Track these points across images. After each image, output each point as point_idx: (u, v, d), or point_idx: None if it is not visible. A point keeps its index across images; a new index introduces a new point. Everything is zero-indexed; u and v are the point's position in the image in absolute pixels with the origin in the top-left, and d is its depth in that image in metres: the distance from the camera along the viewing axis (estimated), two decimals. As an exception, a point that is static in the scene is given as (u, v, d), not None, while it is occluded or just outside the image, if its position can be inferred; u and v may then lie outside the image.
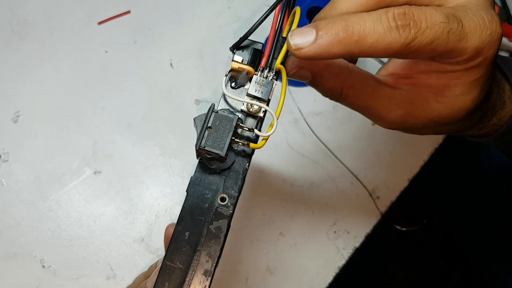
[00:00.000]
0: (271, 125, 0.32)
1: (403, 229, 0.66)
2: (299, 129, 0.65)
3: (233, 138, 0.31)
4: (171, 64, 0.65)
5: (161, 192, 0.60)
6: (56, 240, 0.56)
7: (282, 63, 0.32)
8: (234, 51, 0.34)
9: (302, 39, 0.27)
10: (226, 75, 0.34)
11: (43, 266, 0.55)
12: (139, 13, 0.66)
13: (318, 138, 0.64)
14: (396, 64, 0.35)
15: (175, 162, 0.61)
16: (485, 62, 0.29)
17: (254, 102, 0.33)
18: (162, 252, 0.57)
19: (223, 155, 0.31)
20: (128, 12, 0.66)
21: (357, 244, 0.63)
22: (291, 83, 0.67)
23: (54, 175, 0.58)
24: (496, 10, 0.47)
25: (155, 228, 0.58)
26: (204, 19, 0.68)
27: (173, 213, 0.59)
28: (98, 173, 0.59)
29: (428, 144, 0.69)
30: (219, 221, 0.33)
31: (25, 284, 0.54)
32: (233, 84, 0.34)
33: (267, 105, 0.33)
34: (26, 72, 0.61)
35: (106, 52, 0.64)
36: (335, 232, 0.63)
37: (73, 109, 0.61)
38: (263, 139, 0.33)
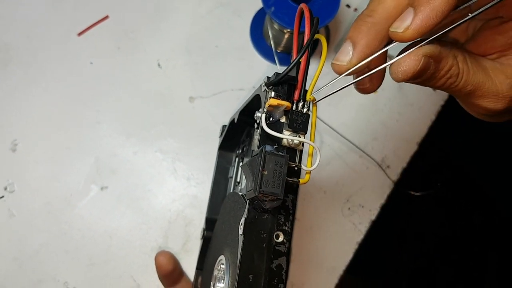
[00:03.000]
0: (309, 155, 0.34)
1: (418, 194, 0.65)
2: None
3: (286, 178, 0.32)
4: (159, 65, 0.64)
5: (170, 198, 0.59)
6: (76, 261, 0.56)
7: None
8: (271, 87, 0.34)
9: (400, 22, 0.28)
10: (264, 112, 0.34)
11: (68, 288, 0.56)
12: (118, 16, 0.64)
13: (319, 118, 0.63)
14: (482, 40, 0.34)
15: (179, 165, 0.61)
16: None
17: (296, 138, 0.33)
18: (180, 256, 0.58)
19: (282, 197, 0.31)
20: (107, 17, 0.64)
21: (373, 217, 0.63)
22: (284, 62, 0.65)
23: (63, 197, 0.58)
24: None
25: (170, 234, 0.58)
26: (185, 12, 0.66)
27: (186, 217, 0.59)
28: (105, 189, 0.59)
29: (434, 102, 0.67)
30: (278, 259, 0.33)
31: (55, 307, 0.56)
32: (269, 120, 0.34)
33: (305, 136, 0.34)
34: (16, 99, 0.60)
35: (91, 63, 0.62)
36: (349, 208, 0.62)
37: (69, 129, 0.60)
38: (307, 173, 0.34)
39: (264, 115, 0.34)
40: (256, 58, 0.65)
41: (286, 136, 0.33)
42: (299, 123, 0.34)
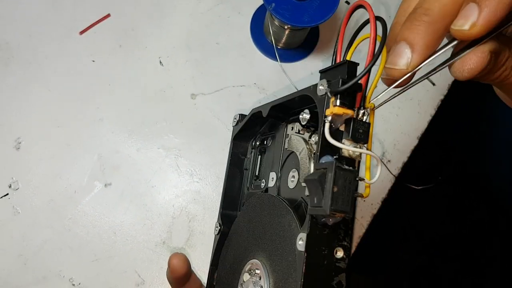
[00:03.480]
0: (367, 168, 0.32)
1: (419, 188, 0.65)
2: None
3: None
4: (160, 62, 0.64)
5: (173, 194, 0.60)
6: (81, 257, 0.57)
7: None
8: (337, 95, 0.32)
9: (465, 19, 0.26)
10: (328, 122, 0.32)
11: (73, 285, 0.56)
12: (119, 15, 0.65)
13: (320, 113, 0.63)
14: None
15: (181, 161, 0.61)
16: None
17: (358, 149, 0.31)
18: (184, 252, 0.58)
19: (351, 215, 0.30)
20: (108, 15, 0.65)
21: (375, 211, 0.63)
22: (284, 58, 0.65)
23: (66, 194, 0.58)
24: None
25: (173, 229, 0.59)
26: (186, 9, 0.66)
27: (189, 212, 0.59)
28: (108, 186, 0.59)
29: (434, 97, 0.68)
30: (339, 276, 0.32)
31: (60, 303, 0.56)
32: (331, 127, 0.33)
33: (366, 147, 0.32)
34: (19, 97, 0.60)
35: (93, 61, 0.63)
36: (351, 202, 0.63)
37: (71, 126, 0.60)
38: (366, 187, 0.32)
39: (327, 124, 0.32)
40: (256, 54, 0.66)
41: (350, 148, 0.32)
42: (361, 133, 0.32)
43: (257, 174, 0.48)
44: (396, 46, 0.30)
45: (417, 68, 0.29)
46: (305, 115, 0.35)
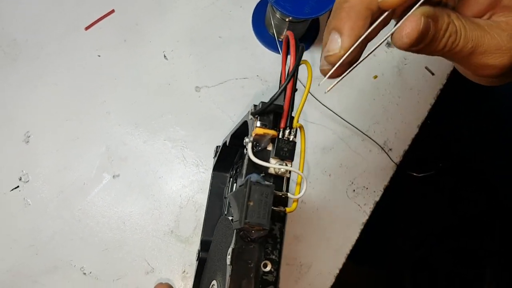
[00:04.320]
0: (297, 184, 0.34)
1: (420, 175, 0.67)
2: (301, 97, 0.65)
3: (272, 207, 0.31)
4: (164, 56, 0.65)
5: (180, 184, 0.61)
6: (91, 247, 0.58)
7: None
8: (257, 116, 0.34)
9: None
10: (251, 141, 0.34)
11: (84, 274, 0.57)
12: (123, 10, 0.66)
13: (322, 104, 0.65)
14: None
15: (187, 152, 0.62)
16: None
17: (282, 167, 0.33)
18: (192, 240, 0.59)
19: (268, 227, 0.31)
20: (112, 11, 0.66)
21: (377, 198, 0.65)
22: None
23: (76, 186, 0.59)
24: None
25: (181, 218, 0.60)
26: (188, 4, 0.68)
27: (196, 202, 0.61)
28: (117, 177, 0.60)
29: (433, 87, 0.69)
30: None
31: (71, 292, 0.57)
32: (256, 147, 0.35)
33: (291, 164, 0.34)
34: (27, 92, 0.61)
35: (99, 56, 0.64)
36: (354, 190, 0.64)
37: (79, 119, 0.62)
38: (294, 201, 0.34)
39: (250, 144, 0.34)
40: (258, 47, 0.67)
41: (272, 165, 0.33)
42: (286, 151, 0.34)
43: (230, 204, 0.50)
44: (328, 36, 0.31)
45: (350, 50, 0.30)
46: (246, 139, 0.36)
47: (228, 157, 0.54)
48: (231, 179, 0.54)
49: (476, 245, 1.02)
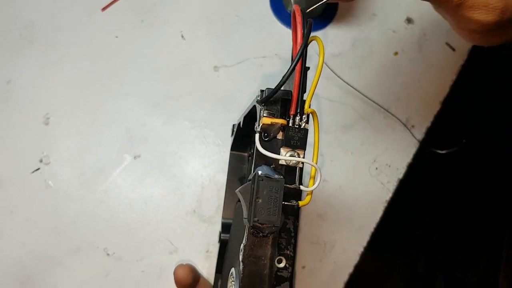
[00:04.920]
0: (311, 177, 0.31)
1: (443, 152, 0.66)
2: (321, 74, 0.64)
3: (284, 202, 0.30)
4: (182, 36, 0.65)
5: (201, 164, 0.61)
6: (114, 228, 0.58)
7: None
8: (263, 105, 0.32)
9: None
10: (258, 132, 0.32)
11: (108, 254, 0.57)
12: (139, -9, 0.65)
13: (343, 80, 0.64)
14: None
15: (207, 132, 0.62)
16: None
17: (293, 158, 0.31)
18: (214, 220, 0.59)
19: (279, 225, 0.29)
20: (128, -8, 0.65)
21: (401, 176, 0.64)
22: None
23: (97, 167, 0.59)
24: None
25: (203, 198, 0.59)
26: (204, -17, 0.67)
27: (217, 181, 0.60)
28: (138, 158, 0.60)
29: (454, 62, 0.68)
30: (281, 285, 0.32)
31: (95, 274, 0.57)
32: (265, 138, 0.32)
33: (304, 154, 0.32)
34: (45, 74, 0.61)
35: (117, 37, 0.63)
36: (376, 168, 0.63)
37: (98, 101, 0.61)
38: (307, 194, 0.32)
39: (258, 135, 0.32)
40: (277, 25, 0.66)
41: (282, 157, 0.31)
42: (297, 140, 0.31)
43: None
44: None
45: None
46: (256, 127, 0.34)
47: (245, 136, 0.52)
48: (249, 158, 0.53)
49: (493, 228, 1.01)
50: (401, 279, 1.07)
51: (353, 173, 0.63)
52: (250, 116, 0.43)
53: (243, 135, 0.52)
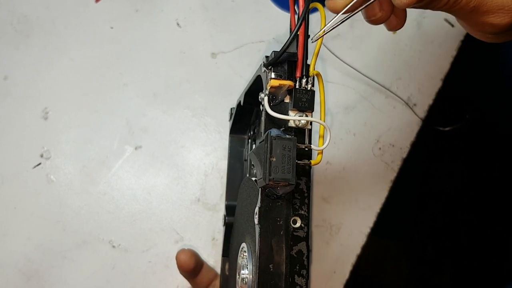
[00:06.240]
0: (320, 136, 0.32)
1: (446, 129, 0.65)
2: (320, 56, 0.64)
3: (296, 161, 0.30)
4: (178, 24, 0.64)
5: (203, 152, 0.60)
6: (118, 219, 0.57)
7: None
8: (270, 68, 0.33)
9: None
10: (266, 95, 0.32)
11: (113, 246, 0.57)
12: (133, -20, 0.65)
13: (343, 61, 0.63)
14: None
15: (208, 120, 0.61)
16: None
17: (303, 118, 0.32)
18: (219, 207, 0.59)
19: (294, 182, 0.30)
20: (121, -18, 0.64)
21: (404, 155, 0.63)
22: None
23: (99, 160, 0.59)
24: None
25: (207, 186, 0.59)
26: (198, -30, 0.66)
27: (220, 169, 0.60)
28: (139, 148, 0.59)
29: (453, 38, 0.67)
30: (298, 244, 0.32)
31: (102, 266, 0.57)
32: (273, 101, 0.33)
33: (312, 115, 0.33)
34: (42, 68, 0.60)
35: (112, 28, 0.63)
36: (380, 148, 0.63)
37: (97, 93, 0.61)
38: (318, 153, 0.32)
39: (266, 97, 0.32)
40: (272, 9, 0.66)
41: (292, 117, 0.32)
42: (304, 102, 0.32)
43: (253, 163, 0.48)
44: None
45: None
46: (261, 95, 0.34)
47: (244, 118, 0.52)
48: (249, 140, 0.53)
49: (499, 209, 1.00)
50: (408, 263, 1.07)
51: (356, 154, 0.62)
52: (251, 92, 0.43)
53: (242, 117, 0.52)
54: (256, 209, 0.32)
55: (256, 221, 0.32)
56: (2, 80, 0.60)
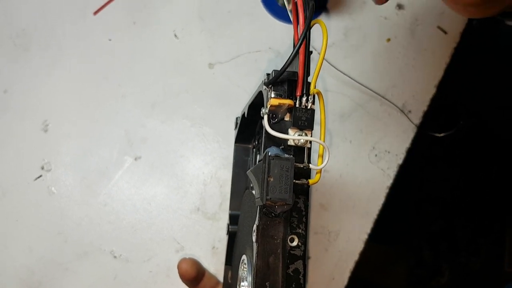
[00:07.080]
0: (319, 155, 0.32)
1: (441, 135, 0.66)
2: (316, 65, 0.65)
3: (294, 180, 0.30)
4: (175, 35, 0.65)
5: (203, 161, 0.61)
6: (119, 230, 0.58)
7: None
8: (271, 86, 0.33)
9: None
10: (266, 113, 0.32)
11: (115, 257, 0.57)
12: (130, -7, 0.65)
13: (338, 69, 0.64)
14: None
15: (207, 130, 0.62)
16: None
17: (301, 137, 0.32)
18: (218, 216, 0.59)
19: (291, 202, 0.30)
20: (119, -6, 0.65)
21: (400, 161, 0.64)
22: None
23: (99, 171, 0.59)
24: None
25: (206, 195, 0.60)
26: (194, -19, 0.67)
27: (219, 178, 0.60)
28: (138, 159, 0.60)
29: (447, 45, 0.68)
30: (295, 263, 0.32)
31: (103, 277, 0.57)
32: (274, 119, 0.33)
33: (311, 134, 0.33)
34: (41, 81, 0.61)
35: (110, 40, 0.63)
36: (376, 155, 0.64)
37: (96, 104, 0.61)
38: (317, 172, 0.32)
39: (266, 116, 0.32)
40: (269, 19, 0.66)
41: (291, 137, 0.32)
42: (304, 120, 0.32)
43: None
44: None
45: None
46: (263, 110, 0.35)
47: (249, 128, 0.53)
48: (254, 149, 0.53)
49: (495, 212, 1.01)
50: (406, 267, 1.08)
51: (353, 161, 0.63)
52: (254, 106, 0.44)
53: (247, 127, 0.52)
54: (254, 227, 0.33)
55: (253, 238, 0.32)
56: (2, 94, 0.60)
